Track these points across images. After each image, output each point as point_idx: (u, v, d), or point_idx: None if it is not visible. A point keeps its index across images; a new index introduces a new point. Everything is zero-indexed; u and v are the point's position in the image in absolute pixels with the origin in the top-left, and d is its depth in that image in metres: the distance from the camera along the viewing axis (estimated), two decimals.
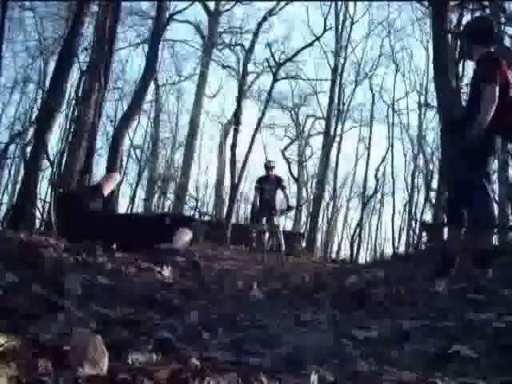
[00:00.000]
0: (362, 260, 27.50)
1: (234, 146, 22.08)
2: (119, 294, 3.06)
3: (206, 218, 26.83)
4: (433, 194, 25.14)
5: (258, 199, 12.26)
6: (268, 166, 12.48)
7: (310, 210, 29.52)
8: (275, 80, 26.41)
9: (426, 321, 2.92)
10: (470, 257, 4.89)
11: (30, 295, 2.40)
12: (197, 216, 24.11)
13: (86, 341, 1.62)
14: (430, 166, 29.63)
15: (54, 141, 23.30)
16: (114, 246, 5.53)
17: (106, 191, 6.96)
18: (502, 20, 14.00)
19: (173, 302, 3.08)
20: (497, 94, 4.79)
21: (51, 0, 20.89)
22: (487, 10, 13.83)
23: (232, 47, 29.26)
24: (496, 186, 12.58)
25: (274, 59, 26.67)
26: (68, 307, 2.31)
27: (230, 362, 1.89)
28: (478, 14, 13.93)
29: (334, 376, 1.79)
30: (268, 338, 2.37)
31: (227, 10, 28.85)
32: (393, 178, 31.93)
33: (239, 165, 22.12)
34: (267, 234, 12.26)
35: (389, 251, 29.89)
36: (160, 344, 1.93)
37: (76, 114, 14.21)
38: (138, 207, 31.03)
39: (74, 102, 17.79)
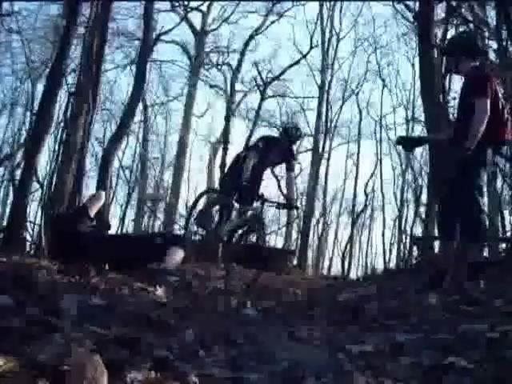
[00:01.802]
0: (353, 276, 27.44)
1: (223, 165, 22.06)
2: (114, 315, 3.06)
3: (197, 237, 26.71)
4: (422, 209, 25.18)
5: (249, 170, 6.97)
6: (290, 133, 7.35)
7: (301, 227, 29.48)
8: (263, 98, 26.57)
9: (420, 333, 2.93)
10: (462, 269, 4.91)
11: (26, 317, 2.40)
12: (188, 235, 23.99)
13: (84, 360, 1.63)
14: (419, 181, 29.73)
15: (44, 163, 23.28)
16: (107, 266, 5.52)
17: (93, 212, 6.94)
18: (486, 34, 14.17)
19: (168, 322, 3.08)
20: (488, 106, 4.85)
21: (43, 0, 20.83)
22: (471, 25, 13.99)
23: (219, 66, 29.35)
24: (486, 199, 12.65)
25: (262, 78, 26.84)
26: (64, 328, 2.31)
27: (227, 379, 1.90)
28: (462, 28, 14.10)
29: None
30: (264, 354, 2.37)
31: (214, 30, 28.99)
32: (382, 193, 32.06)
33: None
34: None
35: (380, 266, 29.93)
36: (158, 362, 1.94)
37: (65, 135, 14.19)
38: (128, 227, 30.91)
39: (62, 123, 17.81)
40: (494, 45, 13.99)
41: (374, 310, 3.85)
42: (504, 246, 10.57)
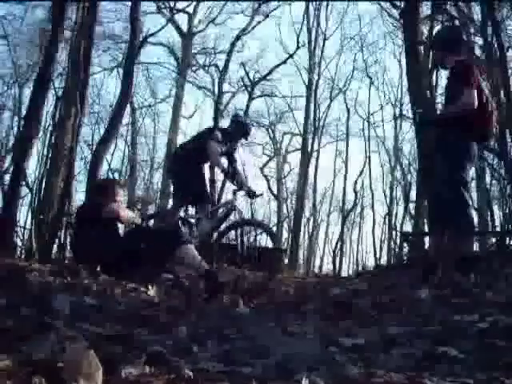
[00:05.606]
0: (344, 273, 27.51)
1: (212, 166, 21.98)
2: (107, 313, 3.07)
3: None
4: (412, 205, 25.28)
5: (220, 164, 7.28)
6: (245, 132, 7.58)
7: (291, 226, 29.54)
8: (251, 98, 26.60)
9: (412, 326, 2.96)
10: (452, 263, 4.94)
11: (20, 317, 2.41)
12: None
13: (79, 356, 1.63)
14: (408, 177, 29.83)
15: (33, 168, 23.16)
16: (98, 268, 5.48)
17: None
18: (471, 30, 14.24)
19: (160, 319, 3.10)
20: (475, 96, 4.89)
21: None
22: (456, 22, 14.06)
23: (206, 68, 29.32)
24: (472, 193, 12.74)
25: (249, 78, 26.92)
26: (58, 327, 2.32)
27: (221, 372, 1.91)
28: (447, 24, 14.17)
29: (325, 381, 1.82)
30: (257, 349, 2.38)
31: (200, 31, 28.95)
32: (371, 190, 32.20)
33: (218, 184, 22.09)
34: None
35: (371, 263, 30.06)
36: (152, 357, 1.94)
37: (53, 139, 14.13)
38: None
39: (50, 127, 17.74)
40: (480, 41, 14.09)
41: (366, 305, 3.87)
42: (494, 239, 10.64)
